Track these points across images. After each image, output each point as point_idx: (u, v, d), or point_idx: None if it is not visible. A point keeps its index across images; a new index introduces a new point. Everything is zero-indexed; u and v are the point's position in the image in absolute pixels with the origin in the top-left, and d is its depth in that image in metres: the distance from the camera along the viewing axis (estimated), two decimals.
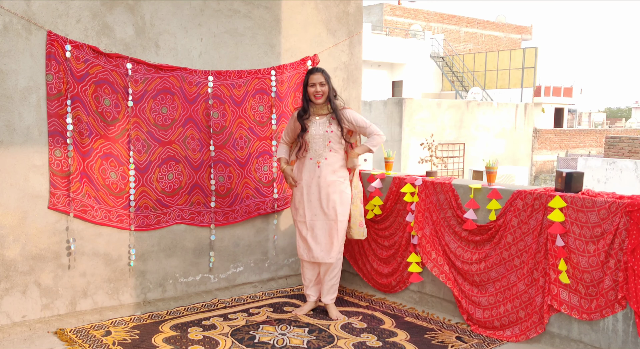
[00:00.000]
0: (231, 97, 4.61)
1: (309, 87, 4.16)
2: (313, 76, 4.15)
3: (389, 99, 18.85)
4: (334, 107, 4.18)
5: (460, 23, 33.22)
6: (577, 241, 3.58)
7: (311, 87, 4.15)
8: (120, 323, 4.09)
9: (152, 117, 4.27)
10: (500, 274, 3.98)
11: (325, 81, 4.15)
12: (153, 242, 4.38)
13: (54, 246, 3.97)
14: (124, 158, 4.18)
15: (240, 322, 4.16)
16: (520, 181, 20.92)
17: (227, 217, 4.68)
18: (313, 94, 4.15)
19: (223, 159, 4.61)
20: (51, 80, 3.85)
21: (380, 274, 4.84)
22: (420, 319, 4.30)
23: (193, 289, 4.60)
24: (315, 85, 4.14)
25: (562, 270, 3.63)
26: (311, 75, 4.16)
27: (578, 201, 3.58)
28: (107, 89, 4.07)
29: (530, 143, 22.22)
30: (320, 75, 4.15)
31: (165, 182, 4.38)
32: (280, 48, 4.85)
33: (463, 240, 4.21)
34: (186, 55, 4.39)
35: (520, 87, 26.53)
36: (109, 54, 4.04)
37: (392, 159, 4.93)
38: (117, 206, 4.18)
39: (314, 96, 4.15)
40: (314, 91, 4.14)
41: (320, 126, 4.18)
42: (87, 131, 4.01)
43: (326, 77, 4.17)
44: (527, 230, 3.83)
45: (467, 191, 4.20)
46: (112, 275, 4.23)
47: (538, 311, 3.76)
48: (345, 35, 5.26)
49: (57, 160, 3.93)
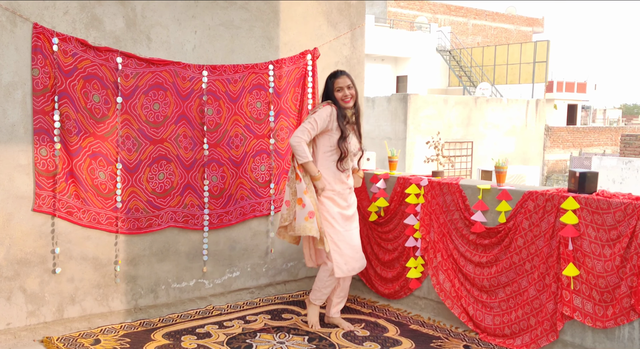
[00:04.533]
0: (226, 93, 4.61)
1: (336, 92, 4.06)
2: (338, 80, 4.06)
3: (393, 95, 18.85)
4: (358, 115, 4.14)
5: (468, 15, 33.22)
6: (592, 244, 3.57)
7: (338, 92, 4.05)
8: (110, 330, 4.08)
9: (143, 113, 4.27)
10: (510, 279, 3.98)
11: (352, 84, 4.08)
12: (144, 246, 4.37)
13: (40, 249, 3.97)
14: (113, 157, 4.18)
15: (237, 330, 4.16)
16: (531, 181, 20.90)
17: (222, 220, 4.67)
18: (342, 99, 4.05)
19: (217, 158, 4.61)
20: (37, 75, 3.85)
21: (383, 279, 4.84)
22: (426, 326, 4.29)
23: (186, 295, 4.60)
24: (342, 89, 4.04)
25: (570, 276, 3.62)
26: (335, 80, 4.06)
27: (592, 203, 3.58)
28: (97, 85, 4.07)
29: (542, 141, 22.22)
30: (346, 78, 4.06)
31: (156, 182, 4.37)
32: (279, 41, 4.85)
33: (471, 243, 4.21)
34: (179, 48, 4.39)
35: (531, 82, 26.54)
36: (98, 47, 4.04)
37: (396, 159, 4.93)
38: (106, 208, 4.18)
39: (343, 100, 4.05)
40: (342, 95, 4.04)
41: (353, 137, 4.14)
42: (75, 129, 4.01)
43: (352, 79, 4.10)
44: (538, 233, 3.83)
45: (476, 192, 4.20)
46: (102, 280, 4.22)
47: (550, 318, 3.76)
48: (347, 28, 5.26)
49: (43, 159, 3.93)
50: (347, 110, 4.11)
